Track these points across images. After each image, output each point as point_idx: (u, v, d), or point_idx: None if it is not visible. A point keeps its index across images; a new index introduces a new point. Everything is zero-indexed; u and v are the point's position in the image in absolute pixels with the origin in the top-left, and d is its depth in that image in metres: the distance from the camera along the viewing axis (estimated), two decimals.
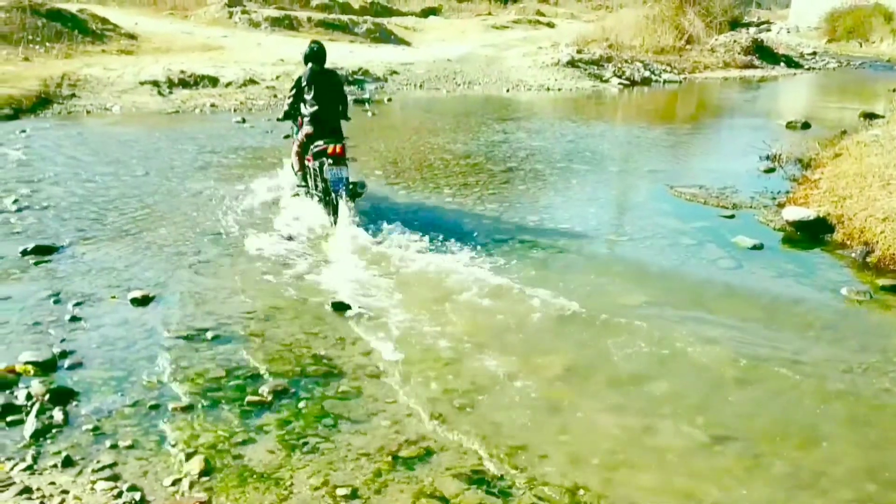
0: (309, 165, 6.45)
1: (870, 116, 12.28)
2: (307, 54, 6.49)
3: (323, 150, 6.16)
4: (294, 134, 6.96)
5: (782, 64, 22.25)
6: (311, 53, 6.47)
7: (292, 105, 6.61)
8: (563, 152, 9.77)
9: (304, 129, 6.48)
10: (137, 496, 2.99)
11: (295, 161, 6.80)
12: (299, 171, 6.74)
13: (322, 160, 6.16)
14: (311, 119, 6.38)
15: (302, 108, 6.52)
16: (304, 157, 6.52)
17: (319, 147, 6.21)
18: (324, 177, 6.15)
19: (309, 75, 6.40)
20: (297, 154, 6.70)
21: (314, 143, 6.30)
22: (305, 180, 6.68)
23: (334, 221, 6.11)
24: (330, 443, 3.41)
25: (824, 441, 3.56)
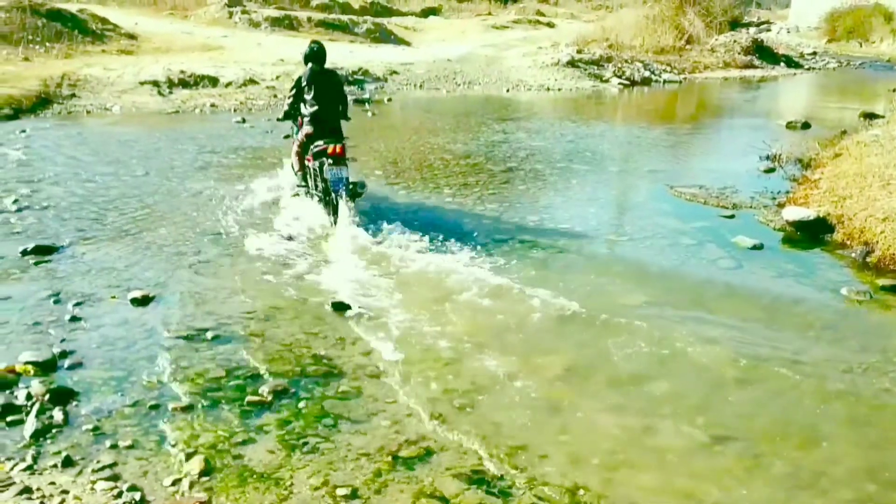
0: (309, 165, 6.45)
1: (870, 116, 12.27)
2: (307, 54, 6.50)
3: (323, 150, 6.16)
4: (294, 134, 6.96)
5: (782, 64, 22.23)
6: (311, 53, 6.47)
7: (292, 105, 6.61)
8: (563, 152, 9.77)
9: (304, 129, 6.48)
10: (137, 496, 2.99)
11: (295, 161, 6.80)
12: (299, 171, 6.75)
13: (322, 160, 6.16)
14: (311, 119, 6.38)
15: (302, 109, 6.53)
16: (304, 157, 6.52)
17: (319, 147, 6.21)
18: (324, 177, 6.16)
19: (309, 75, 6.40)
20: (297, 154, 6.71)
21: (314, 143, 6.30)
22: (305, 180, 6.68)
23: (334, 221, 6.11)
24: (330, 443, 3.41)
25: (824, 441, 3.56)
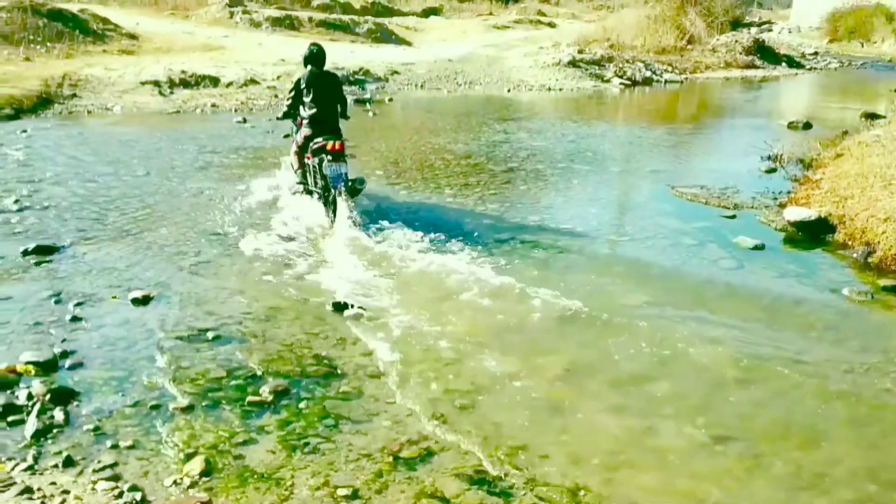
0: (308, 163, 6.46)
1: (871, 116, 12.25)
2: (307, 56, 6.51)
3: (322, 147, 6.20)
4: (294, 133, 6.97)
5: (784, 64, 22.21)
6: (311, 56, 6.48)
7: (291, 106, 6.63)
8: (565, 152, 9.76)
9: (303, 131, 6.50)
10: (138, 496, 2.99)
11: (294, 160, 6.82)
12: (299, 170, 6.76)
13: (321, 157, 6.18)
14: (310, 121, 6.40)
15: (301, 111, 6.55)
16: (304, 156, 6.53)
17: (319, 144, 6.24)
18: (323, 173, 6.18)
19: (308, 77, 6.41)
20: (297, 153, 6.73)
21: (314, 141, 6.32)
22: (305, 178, 6.69)
23: (333, 218, 6.13)
24: (331, 443, 3.41)
25: (825, 441, 3.56)
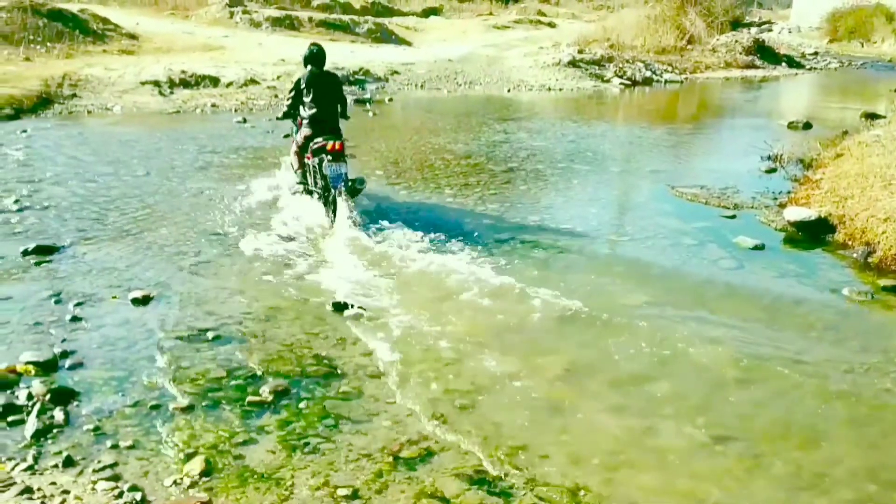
0: (308, 163, 6.47)
1: (871, 116, 12.25)
2: (306, 56, 6.52)
3: (322, 147, 6.21)
4: (294, 133, 6.98)
5: (784, 64, 22.20)
6: (311, 56, 6.49)
7: (291, 106, 6.64)
8: (565, 152, 9.76)
9: (303, 131, 6.50)
10: (138, 496, 2.99)
11: (294, 160, 6.82)
12: (299, 170, 6.76)
13: (321, 157, 6.19)
14: (310, 121, 6.41)
15: (301, 111, 6.55)
16: (304, 156, 6.54)
17: (319, 143, 6.25)
18: (323, 173, 6.18)
19: (308, 77, 6.42)
20: (297, 153, 6.73)
21: (314, 140, 6.33)
22: (305, 178, 6.69)
23: (333, 218, 6.13)
24: (331, 443, 3.41)
25: (825, 441, 3.56)
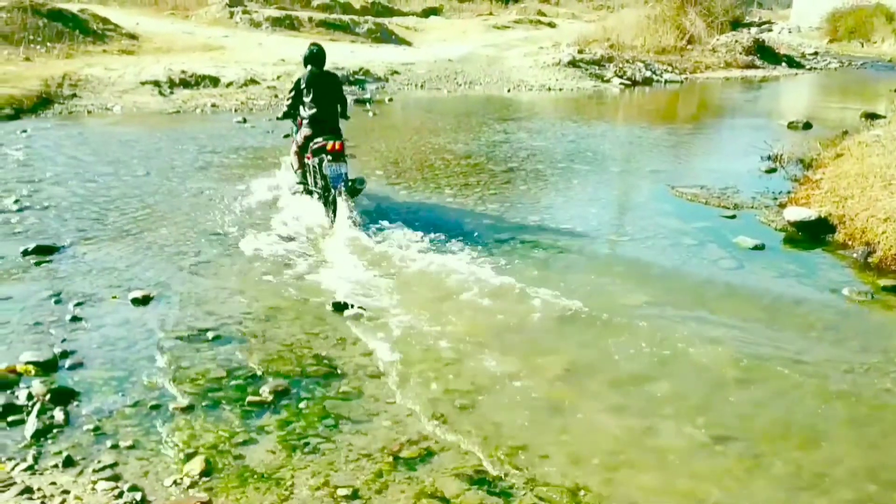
0: (308, 163, 6.47)
1: (871, 116, 12.25)
2: (306, 56, 6.52)
3: (322, 147, 6.21)
4: (294, 133, 6.98)
5: (784, 64, 22.20)
6: (311, 56, 6.49)
7: (291, 106, 6.64)
8: (565, 152, 9.76)
9: (303, 131, 6.50)
10: (138, 496, 2.99)
11: (294, 160, 6.82)
12: (299, 170, 6.76)
13: (321, 157, 6.19)
14: (310, 121, 6.41)
15: (301, 111, 6.55)
16: (304, 156, 6.54)
17: (319, 144, 6.25)
18: (323, 173, 6.18)
19: (308, 77, 6.42)
20: (297, 153, 6.73)
21: (314, 140, 6.33)
22: (305, 178, 6.70)
23: (333, 218, 6.13)
24: (331, 443, 3.41)
25: (825, 441, 3.56)
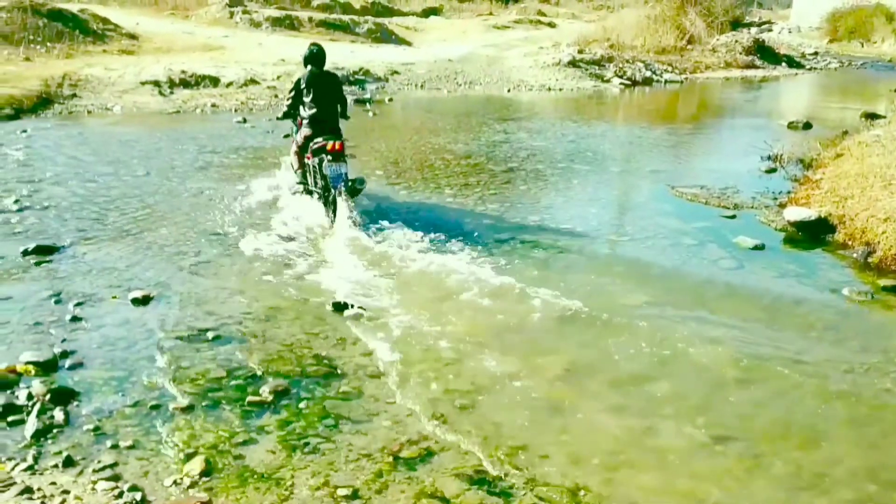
0: (308, 163, 6.47)
1: (871, 116, 12.24)
2: (306, 56, 6.52)
3: (322, 147, 6.21)
4: (294, 133, 6.98)
5: (784, 64, 22.20)
6: (311, 56, 6.49)
7: (291, 106, 6.64)
8: (565, 152, 9.76)
9: (303, 131, 6.51)
10: (138, 496, 2.99)
11: (294, 160, 6.83)
12: (299, 170, 6.77)
13: (321, 156, 6.19)
14: (310, 121, 6.42)
15: (301, 111, 6.56)
16: (304, 156, 6.54)
17: (319, 143, 6.25)
18: (323, 173, 6.18)
19: (308, 78, 6.43)
20: (297, 153, 6.73)
21: (314, 140, 6.33)
22: (305, 178, 6.70)
23: (333, 218, 6.13)
24: (331, 443, 3.41)
25: (825, 441, 3.56)
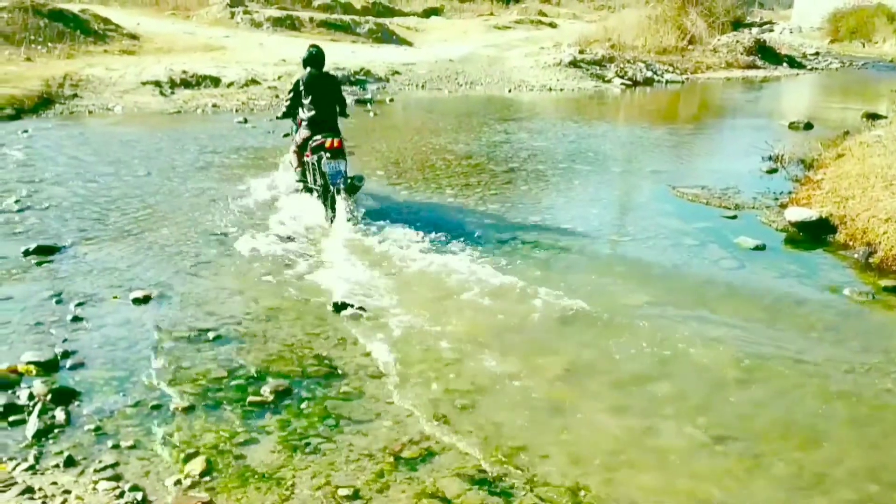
0: (307, 160, 6.48)
1: (872, 117, 12.23)
2: (306, 58, 6.54)
3: (321, 144, 6.22)
4: (293, 132, 6.99)
5: (785, 64, 22.18)
6: (310, 57, 6.50)
7: (290, 107, 6.66)
8: (566, 153, 9.76)
9: (302, 133, 6.52)
10: (139, 496, 2.99)
11: (293, 159, 6.84)
12: (298, 168, 6.78)
13: (320, 154, 6.20)
14: (309, 123, 6.44)
15: (300, 112, 6.57)
16: (303, 155, 6.55)
17: (318, 141, 6.26)
18: (322, 170, 6.19)
19: (307, 79, 6.44)
20: (296, 152, 6.74)
21: (313, 139, 6.34)
22: (304, 177, 6.71)
23: (333, 216, 6.14)
24: (331, 443, 3.41)
25: (826, 441, 3.56)
